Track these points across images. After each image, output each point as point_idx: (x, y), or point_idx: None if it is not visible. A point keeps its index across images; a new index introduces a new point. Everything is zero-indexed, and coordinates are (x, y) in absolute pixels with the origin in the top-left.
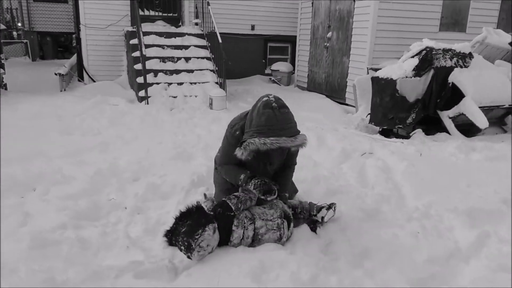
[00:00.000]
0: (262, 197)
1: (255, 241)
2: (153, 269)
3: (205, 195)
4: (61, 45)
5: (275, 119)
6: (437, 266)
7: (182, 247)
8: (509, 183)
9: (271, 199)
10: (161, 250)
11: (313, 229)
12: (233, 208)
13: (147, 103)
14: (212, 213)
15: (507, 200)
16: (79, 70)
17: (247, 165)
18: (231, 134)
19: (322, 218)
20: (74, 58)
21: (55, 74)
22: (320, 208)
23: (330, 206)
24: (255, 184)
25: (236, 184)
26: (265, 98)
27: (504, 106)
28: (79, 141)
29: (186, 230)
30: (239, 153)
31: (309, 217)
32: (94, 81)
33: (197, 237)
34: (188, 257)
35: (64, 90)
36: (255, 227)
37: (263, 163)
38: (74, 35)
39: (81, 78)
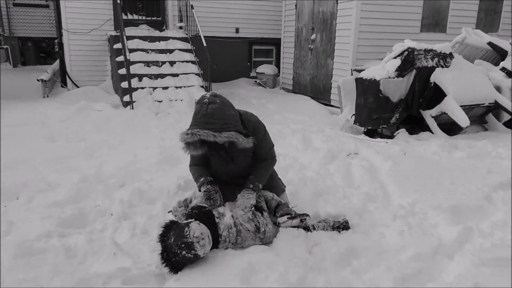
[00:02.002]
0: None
1: (238, 235)
2: (141, 275)
3: (179, 202)
4: (43, 51)
5: (200, 113)
6: (423, 262)
7: (183, 252)
8: (490, 180)
9: (212, 207)
10: (149, 255)
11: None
12: (206, 205)
13: (132, 108)
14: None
15: (489, 196)
16: (62, 75)
17: (212, 164)
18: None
19: (279, 223)
20: (56, 64)
21: (38, 80)
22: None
23: (340, 226)
24: (204, 191)
25: (196, 184)
26: (203, 94)
27: (484, 105)
28: (64, 147)
29: (174, 237)
30: (190, 150)
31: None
32: (77, 87)
33: (187, 233)
34: (196, 255)
35: (47, 96)
36: (233, 215)
37: (225, 160)
38: (56, 40)
39: (64, 83)
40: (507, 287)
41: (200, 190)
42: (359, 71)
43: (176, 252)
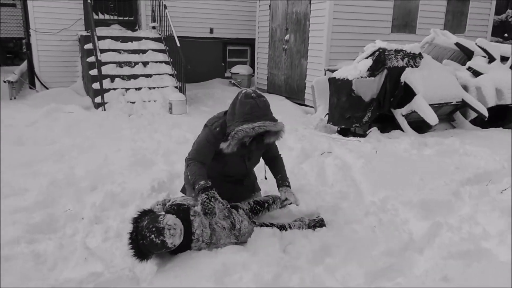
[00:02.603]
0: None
1: (212, 234)
2: (114, 279)
3: (157, 201)
4: (10, 51)
5: (258, 106)
6: (394, 257)
7: (152, 236)
8: (458, 176)
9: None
10: (122, 259)
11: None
12: (185, 203)
13: (104, 110)
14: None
15: (456, 192)
16: (31, 77)
17: (227, 162)
18: (211, 132)
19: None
20: (24, 65)
21: (4, 81)
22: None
23: (316, 224)
24: (202, 199)
25: (192, 187)
26: (244, 91)
27: (452, 103)
28: (32, 151)
29: (149, 220)
30: (225, 146)
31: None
32: (47, 88)
33: (161, 220)
34: (163, 243)
35: (14, 98)
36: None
37: (242, 158)
38: (24, 41)
39: (32, 85)
40: (474, 279)
41: (197, 193)
42: (332, 71)
43: (145, 234)
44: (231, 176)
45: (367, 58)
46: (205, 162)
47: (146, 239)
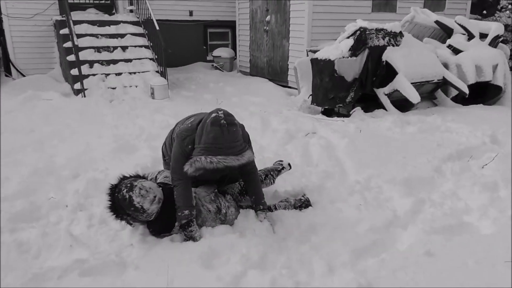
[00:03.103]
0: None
1: (198, 215)
2: (99, 265)
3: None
4: None
5: (223, 138)
6: (378, 234)
7: (124, 190)
8: (440, 152)
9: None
10: (108, 245)
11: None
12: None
13: (84, 96)
14: None
15: (438, 168)
16: (6, 64)
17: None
18: (183, 148)
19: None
20: None
21: None
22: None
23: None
24: (185, 234)
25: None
26: (214, 114)
27: (434, 81)
28: (10, 140)
29: (130, 179)
30: (186, 168)
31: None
32: (23, 76)
33: (139, 181)
34: (130, 198)
35: None
36: (195, 195)
37: (218, 172)
38: None
39: (8, 73)
40: (456, 253)
41: (180, 221)
42: (315, 51)
43: (120, 188)
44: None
45: (348, 38)
46: (186, 178)
47: (119, 193)
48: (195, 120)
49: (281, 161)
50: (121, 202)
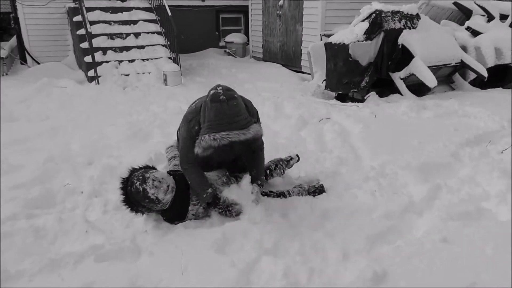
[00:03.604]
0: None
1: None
2: (115, 251)
3: None
4: None
5: (223, 113)
6: (393, 220)
7: (137, 183)
8: (457, 137)
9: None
10: (122, 231)
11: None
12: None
13: (98, 83)
14: None
15: (455, 153)
16: (21, 52)
17: (210, 155)
18: (190, 130)
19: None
20: (14, 40)
21: None
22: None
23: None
24: (219, 212)
25: (197, 194)
26: (212, 91)
27: (451, 64)
28: (26, 127)
29: (141, 171)
30: (196, 150)
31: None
32: (38, 63)
33: (151, 172)
34: (144, 191)
35: (6, 74)
36: (207, 176)
37: (227, 151)
38: (11, 15)
39: (24, 61)
40: (473, 239)
41: (206, 200)
42: (329, 36)
43: (133, 181)
44: (217, 162)
45: (363, 21)
46: (197, 161)
47: (132, 186)
48: (200, 101)
49: (290, 156)
50: (135, 195)
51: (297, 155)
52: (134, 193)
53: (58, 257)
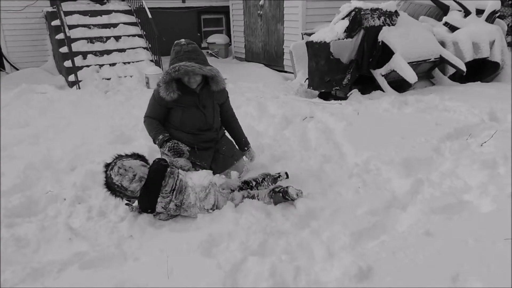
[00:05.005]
0: (173, 158)
1: (185, 192)
2: (100, 258)
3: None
4: None
5: (182, 50)
6: (378, 216)
7: (107, 168)
8: (438, 132)
9: (183, 161)
10: (107, 237)
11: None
12: (167, 160)
13: (79, 88)
14: None
15: (437, 148)
16: None
17: (183, 112)
18: (156, 88)
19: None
20: None
21: None
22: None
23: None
24: (169, 147)
25: (154, 142)
26: (177, 41)
27: (431, 60)
28: (5, 134)
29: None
30: (163, 93)
31: (272, 180)
32: (17, 69)
33: (122, 159)
34: (110, 176)
35: None
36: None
37: (197, 107)
38: None
39: (1, 67)
40: (456, 231)
41: (160, 147)
42: (310, 34)
43: (107, 165)
44: (193, 128)
45: (343, 19)
46: (157, 118)
47: (107, 171)
48: None
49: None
50: (109, 180)
51: (286, 173)
52: (107, 178)
53: (41, 266)
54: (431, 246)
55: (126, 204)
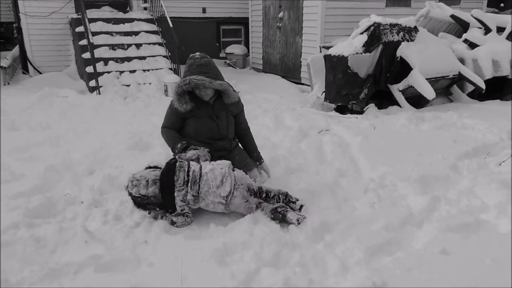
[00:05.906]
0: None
1: (200, 181)
2: (115, 261)
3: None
4: (1, 36)
5: (195, 64)
6: (393, 232)
7: (128, 187)
8: (456, 149)
9: (190, 153)
10: (122, 241)
11: (283, 216)
12: (176, 157)
13: (99, 93)
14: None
15: (454, 166)
16: (23, 62)
17: (196, 121)
18: (171, 104)
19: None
20: (16, 49)
21: None
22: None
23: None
24: (191, 153)
25: (172, 151)
26: (190, 55)
27: (449, 77)
28: (27, 136)
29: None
30: (177, 104)
31: (285, 201)
32: (40, 73)
33: (137, 173)
34: (129, 193)
35: (8, 83)
36: (201, 166)
37: (210, 117)
38: (14, 25)
39: (25, 70)
40: (473, 251)
41: (178, 154)
42: (328, 48)
43: (128, 193)
44: (207, 138)
45: (362, 33)
46: (173, 128)
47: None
48: None
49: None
50: (132, 198)
51: (301, 205)
52: (130, 197)
53: (58, 267)
54: (447, 265)
55: (162, 217)
